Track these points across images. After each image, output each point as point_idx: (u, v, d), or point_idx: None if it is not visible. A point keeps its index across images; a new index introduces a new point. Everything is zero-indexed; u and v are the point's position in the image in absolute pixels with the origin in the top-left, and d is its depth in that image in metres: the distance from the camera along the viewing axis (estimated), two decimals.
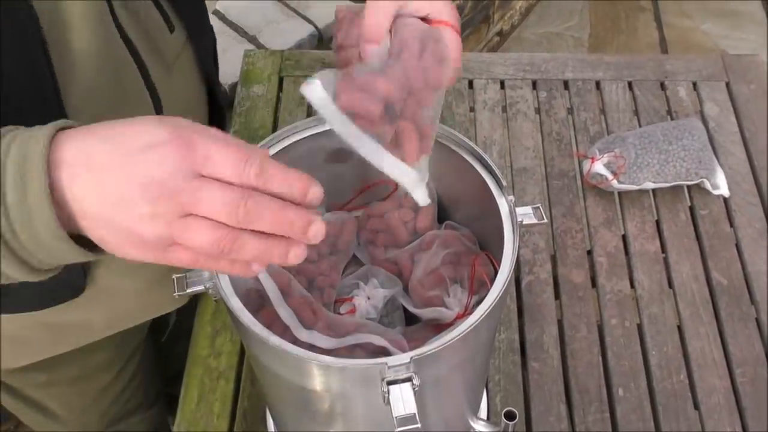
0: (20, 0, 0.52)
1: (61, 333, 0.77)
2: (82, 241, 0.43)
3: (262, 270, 0.45)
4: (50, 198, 0.40)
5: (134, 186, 0.40)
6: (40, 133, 0.41)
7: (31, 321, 0.72)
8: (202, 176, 0.41)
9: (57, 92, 0.57)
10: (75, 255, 0.43)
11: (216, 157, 0.41)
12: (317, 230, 0.44)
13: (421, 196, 0.58)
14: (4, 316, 0.70)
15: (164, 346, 1.12)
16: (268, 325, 0.64)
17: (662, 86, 1.19)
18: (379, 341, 0.65)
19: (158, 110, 0.69)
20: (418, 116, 0.58)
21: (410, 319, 0.73)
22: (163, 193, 0.40)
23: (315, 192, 0.44)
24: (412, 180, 0.57)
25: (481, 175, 0.66)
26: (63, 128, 0.42)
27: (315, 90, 0.52)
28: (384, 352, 0.64)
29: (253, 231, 0.42)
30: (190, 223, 0.41)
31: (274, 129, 1.13)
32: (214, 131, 0.42)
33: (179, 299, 0.81)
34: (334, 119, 0.53)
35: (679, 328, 0.94)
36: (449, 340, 0.54)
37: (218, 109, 0.84)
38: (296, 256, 0.44)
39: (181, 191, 0.40)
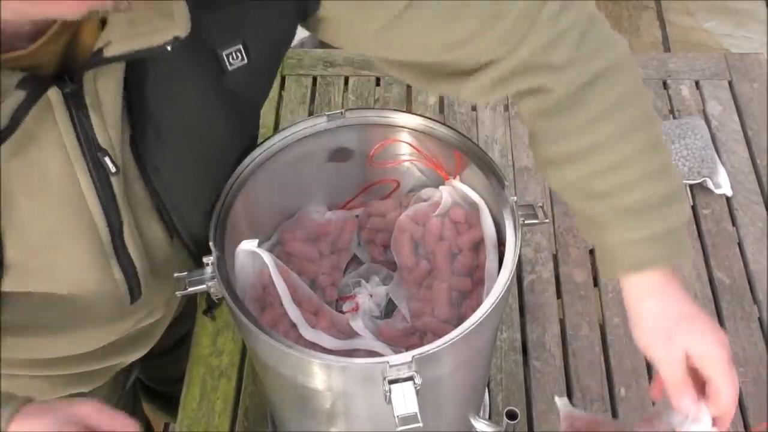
0: None
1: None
2: None
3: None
4: None
5: None
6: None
7: None
8: None
9: None
10: None
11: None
12: None
13: None
14: None
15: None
16: (273, 324, 0.64)
17: (665, 85, 1.19)
18: (385, 350, 0.65)
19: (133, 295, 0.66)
20: None
21: None
22: None
23: None
24: None
25: (483, 174, 0.66)
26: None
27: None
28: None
29: None
30: None
31: (276, 128, 1.13)
32: None
33: (142, 346, 0.80)
34: None
35: None
36: (451, 339, 0.54)
37: None
38: None
39: None
